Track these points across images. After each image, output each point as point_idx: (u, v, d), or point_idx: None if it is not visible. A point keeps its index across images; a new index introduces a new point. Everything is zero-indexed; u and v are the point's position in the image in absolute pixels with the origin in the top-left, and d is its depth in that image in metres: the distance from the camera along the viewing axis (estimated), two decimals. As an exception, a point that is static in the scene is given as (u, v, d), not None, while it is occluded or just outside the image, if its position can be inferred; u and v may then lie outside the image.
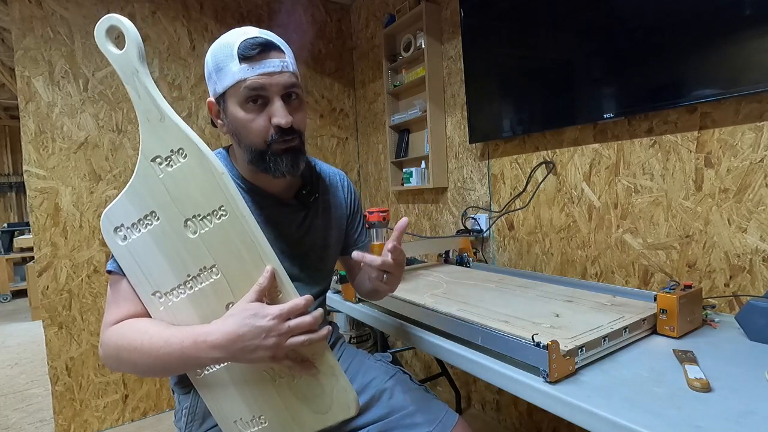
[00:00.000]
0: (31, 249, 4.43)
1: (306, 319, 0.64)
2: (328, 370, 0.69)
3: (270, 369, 0.70)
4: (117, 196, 0.70)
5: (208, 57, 0.73)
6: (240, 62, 0.69)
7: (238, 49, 0.69)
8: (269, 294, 0.65)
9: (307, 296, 0.65)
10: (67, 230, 1.86)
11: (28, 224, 5.21)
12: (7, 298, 4.87)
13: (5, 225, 5.36)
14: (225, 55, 0.70)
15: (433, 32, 1.93)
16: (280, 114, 0.70)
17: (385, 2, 2.33)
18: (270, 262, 0.65)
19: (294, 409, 0.71)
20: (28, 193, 1.79)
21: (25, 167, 1.79)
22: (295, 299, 0.65)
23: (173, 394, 0.90)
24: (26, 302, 4.48)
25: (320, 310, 0.66)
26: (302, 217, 0.87)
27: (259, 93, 0.70)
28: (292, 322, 0.62)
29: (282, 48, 0.73)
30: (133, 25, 0.64)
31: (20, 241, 4.91)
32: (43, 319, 1.83)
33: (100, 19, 0.64)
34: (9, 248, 5.03)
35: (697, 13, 1.06)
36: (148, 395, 2.06)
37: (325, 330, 0.66)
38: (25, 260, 4.93)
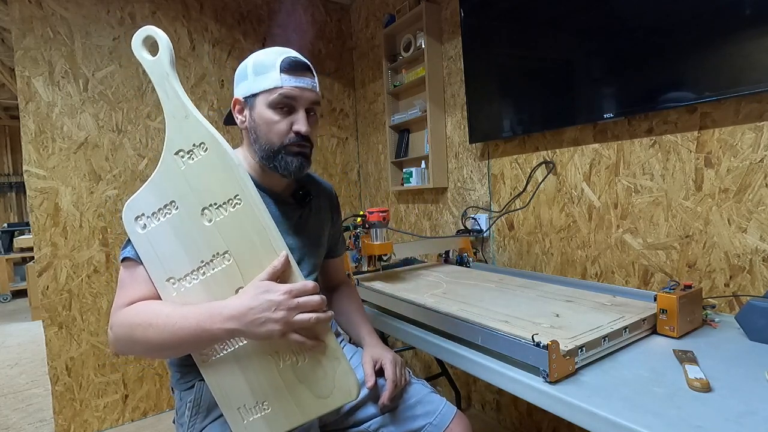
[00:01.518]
0: (31, 249, 4.43)
1: (314, 298, 0.68)
2: (330, 353, 0.72)
3: (275, 353, 0.72)
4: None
5: (248, 62, 0.84)
6: (281, 73, 0.80)
7: (282, 62, 0.81)
8: (281, 278, 0.70)
9: (315, 282, 0.70)
10: (67, 230, 1.86)
11: (28, 224, 5.21)
12: (7, 298, 4.87)
13: (5, 225, 5.36)
14: (268, 64, 0.81)
15: (433, 32, 1.93)
16: (302, 123, 0.82)
17: (385, 2, 2.33)
18: (280, 248, 0.70)
19: (297, 393, 0.73)
20: (28, 193, 1.79)
21: (25, 167, 1.79)
22: (305, 281, 0.69)
23: (173, 393, 0.91)
24: (26, 302, 4.48)
25: (324, 296, 0.70)
26: (299, 215, 0.94)
27: (290, 101, 0.81)
28: (301, 299, 0.67)
29: (314, 72, 0.86)
30: (166, 36, 0.71)
31: (20, 241, 4.91)
32: (43, 319, 1.83)
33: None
34: (9, 248, 5.03)
35: (697, 13, 1.06)
36: (148, 395, 2.06)
37: (331, 312, 0.71)
38: (25, 260, 4.92)
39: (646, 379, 0.72)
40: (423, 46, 1.93)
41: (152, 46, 0.72)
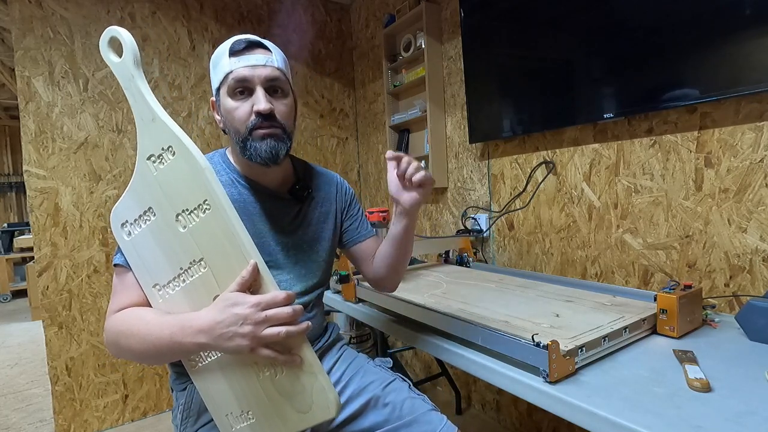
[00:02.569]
0: (31, 249, 4.43)
1: (285, 310, 0.63)
2: (307, 368, 0.69)
3: (254, 364, 0.70)
4: (117, 195, 0.72)
5: (211, 60, 0.83)
6: (229, 57, 0.77)
7: (230, 47, 0.78)
8: (252, 287, 0.67)
9: (289, 291, 0.65)
10: (67, 230, 1.86)
11: (28, 224, 5.21)
12: (7, 298, 4.87)
13: (5, 225, 5.36)
14: (220, 53, 0.79)
15: (433, 32, 1.93)
16: (260, 101, 0.76)
17: (385, 2, 2.33)
18: (251, 256, 0.66)
19: (278, 406, 0.71)
20: (28, 193, 1.79)
21: (25, 167, 1.79)
22: (276, 292, 0.65)
23: (172, 392, 0.91)
24: (26, 302, 4.48)
25: (300, 306, 0.66)
26: (296, 211, 0.90)
27: (244, 84, 0.77)
28: (269, 312, 0.63)
29: (269, 47, 0.80)
30: (130, 35, 0.69)
31: (20, 241, 4.91)
32: (43, 319, 1.83)
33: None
34: (9, 248, 5.03)
35: (697, 13, 1.06)
36: (148, 395, 2.06)
37: (305, 324, 0.66)
38: (25, 260, 4.92)
39: (646, 379, 0.72)
40: (423, 46, 1.93)
41: (119, 48, 0.70)
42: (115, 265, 0.76)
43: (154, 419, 2.04)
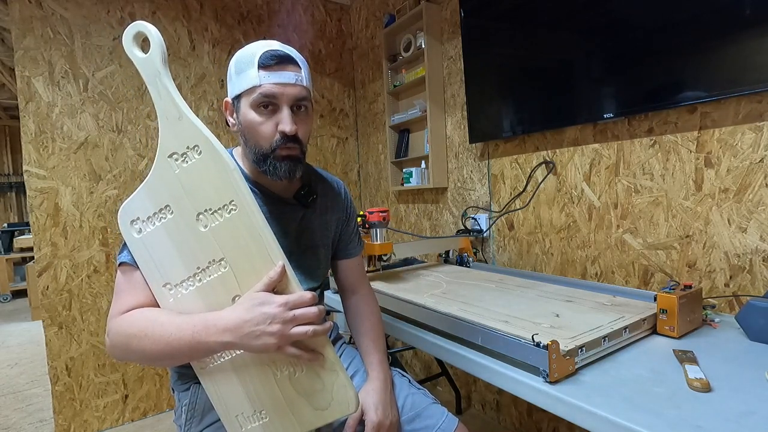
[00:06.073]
0: (31, 249, 4.43)
1: (311, 309, 0.66)
2: (329, 365, 0.70)
3: (271, 363, 0.70)
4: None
5: (232, 61, 0.80)
6: (258, 69, 0.75)
7: (259, 58, 0.75)
8: (278, 288, 0.68)
9: (313, 292, 0.67)
10: (67, 230, 1.86)
11: (28, 224, 5.21)
12: (7, 298, 4.87)
13: (5, 225, 5.36)
14: (247, 61, 0.77)
15: (433, 32, 1.93)
16: (286, 122, 0.76)
17: (385, 2, 2.33)
18: (277, 257, 0.67)
19: (294, 404, 0.71)
20: (28, 193, 1.79)
21: (25, 167, 1.79)
22: (302, 292, 0.67)
23: (173, 393, 0.91)
24: (26, 302, 4.48)
25: (323, 306, 0.69)
26: (300, 216, 0.90)
27: (271, 100, 0.76)
28: (297, 311, 0.65)
29: (299, 63, 0.79)
30: (158, 32, 0.69)
31: (20, 241, 4.92)
32: (43, 319, 1.83)
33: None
34: (9, 248, 5.03)
35: (697, 13, 1.06)
36: (148, 395, 2.06)
37: (328, 324, 0.68)
38: (25, 260, 4.92)
39: (646, 379, 0.72)
40: (423, 46, 1.93)
41: (144, 43, 0.69)
42: (120, 263, 0.75)
43: (154, 419, 2.04)
